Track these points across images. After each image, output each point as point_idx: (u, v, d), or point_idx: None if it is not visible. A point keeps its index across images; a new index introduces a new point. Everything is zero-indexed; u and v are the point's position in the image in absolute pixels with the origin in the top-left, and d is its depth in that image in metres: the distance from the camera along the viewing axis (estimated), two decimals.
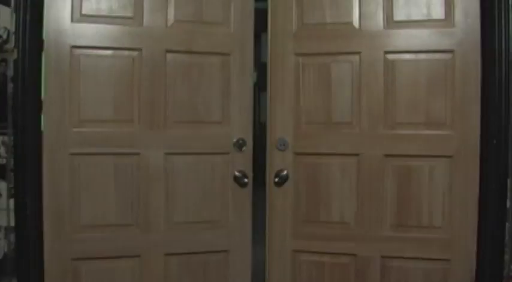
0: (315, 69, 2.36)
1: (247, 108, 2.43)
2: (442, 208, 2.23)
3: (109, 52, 2.24)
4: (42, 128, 2.17)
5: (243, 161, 2.42)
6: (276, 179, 2.38)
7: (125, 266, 2.30)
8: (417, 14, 2.24)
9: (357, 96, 2.29)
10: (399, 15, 2.25)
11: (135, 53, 2.27)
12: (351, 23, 2.31)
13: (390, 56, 2.26)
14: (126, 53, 2.26)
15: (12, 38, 2.11)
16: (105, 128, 2.25)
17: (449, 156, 2.21)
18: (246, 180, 2.39)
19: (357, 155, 2.31)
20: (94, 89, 2.23)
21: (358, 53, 2.28)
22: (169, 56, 2.30)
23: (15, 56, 2.11)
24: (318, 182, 2.37)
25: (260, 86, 11.89)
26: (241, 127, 2.41)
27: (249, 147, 2.42)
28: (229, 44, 2.39)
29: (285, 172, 2.39)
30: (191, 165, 2.37)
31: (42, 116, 2.17)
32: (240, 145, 2.39)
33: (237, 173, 2.39)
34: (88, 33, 2.20)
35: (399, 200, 2.27)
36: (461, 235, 2.21)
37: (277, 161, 2.42)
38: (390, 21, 2.26)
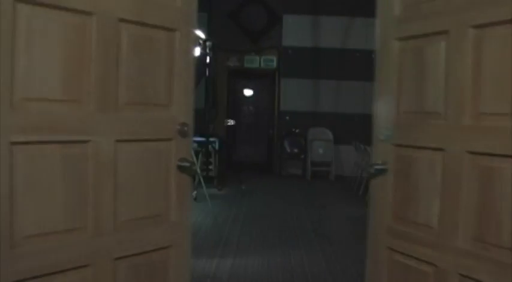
0: (410, 54, 2.28)
1: (190, 90, 2.37)
2: None
3: (58, 12, 1.87)
4: None
5: (186, 148, 2.37)
6: (375, 171, 2.42)
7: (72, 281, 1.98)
8: None
9: (444, 82, 2.11)
10: None
11: (86, 18, 1.96)
12: None
13: (477, 31, 1.96)
14: (77, 16, 1.93)
15: None
16: (52, 109, 1.89)
17: None
18: (194, 168, 2.38)
19: (441, 150, 2.12)
20: (39, 59, 1.84)
21: (446, 31, 2.08)
22: (122, 25, 2.07)
23: None
24: (410, 177, 2.30)
25: (280, 72, 11.78)
26: (185, 111, 2.35)
27: (190, 133, 2.37)
28: (176, 18, 2.30)
29: (384, 164, 2.39)
30: (139, 153, 2.20)
31: None
32: (184, 131, 2.31)
33: (179, 162, 2.32)
34: None
35: (480, 209, 1.97)
36: None
37: (379, 152, 2.43)
38: None
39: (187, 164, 2.31)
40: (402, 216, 2.33)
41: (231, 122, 11.42)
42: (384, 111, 2.41)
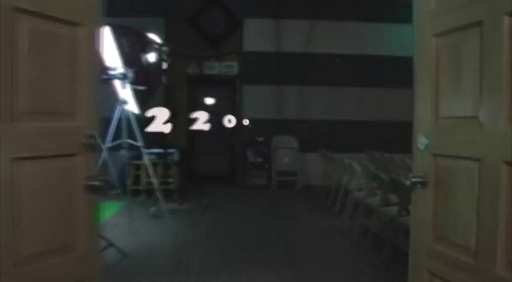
0: (447, 51, 2.12)
1: (95, 97, 2.17)
2: None
3: None
4: None
5: (94, 164, 2.18)
6: (412, 183, 2.29)
7: None
8: None
9: (478, 82, 1.90)
10: None
11: None
12: None
13: None
14: None
15: None
16: None
17: None
18: (109, 186, 2.16)
19: (478, 160, 1.92)
20: None
21: (480, 22, 1.88)
22: (19, 16, 1.79)
23: None
24: (449, 192, 2.13)
25: (242, 79, 11.17)
26: (92, 121, 2.15)
27: (99, 146, 2.22)
28: (81, 11, 2.06)
29: (423, 176, 2.24)
30: (41, 173, 1.95)
31: None
32: (91, 144, 2.11)
33: (88, 181, 2.10)
34: None
35: None
36: None
37: (419, 164, 2.29)
38: None
39: (96, 183, 2.11)
40: (441, 235, 2.17)
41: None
42: (422, 117, 2.27)
